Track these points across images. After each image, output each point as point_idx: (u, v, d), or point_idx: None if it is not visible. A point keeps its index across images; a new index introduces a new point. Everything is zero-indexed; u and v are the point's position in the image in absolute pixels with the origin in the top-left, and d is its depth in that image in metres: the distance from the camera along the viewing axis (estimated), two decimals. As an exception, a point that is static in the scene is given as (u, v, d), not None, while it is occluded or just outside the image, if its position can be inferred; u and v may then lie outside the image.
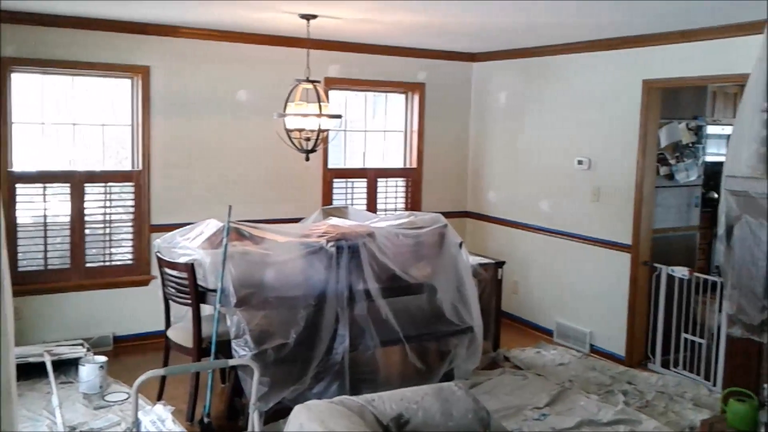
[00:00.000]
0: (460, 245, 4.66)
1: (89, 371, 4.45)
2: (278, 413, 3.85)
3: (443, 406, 2.69)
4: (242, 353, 3.77)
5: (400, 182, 6.79)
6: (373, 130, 6.76)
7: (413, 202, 6.79)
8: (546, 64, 6.09)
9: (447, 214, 4.96)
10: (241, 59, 5.76)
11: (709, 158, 6.16)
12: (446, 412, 2.67)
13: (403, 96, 6.76)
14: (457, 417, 2.68)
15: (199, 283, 4.06)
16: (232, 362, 3.66)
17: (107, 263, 5.52)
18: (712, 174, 6.19)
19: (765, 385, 3.56)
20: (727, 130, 6.17)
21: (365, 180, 6.58)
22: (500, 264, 5.57)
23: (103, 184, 5.42)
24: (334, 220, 4.55)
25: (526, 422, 4.26)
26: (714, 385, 4.84)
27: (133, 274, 5.56)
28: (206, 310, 4.15)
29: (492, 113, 6.75)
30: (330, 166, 6.32)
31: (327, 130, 5.04)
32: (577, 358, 5.50)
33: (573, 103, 5.85)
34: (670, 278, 5.22)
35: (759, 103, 3.46)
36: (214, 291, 3.92)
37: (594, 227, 5.67)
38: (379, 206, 6.63)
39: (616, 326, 5.48)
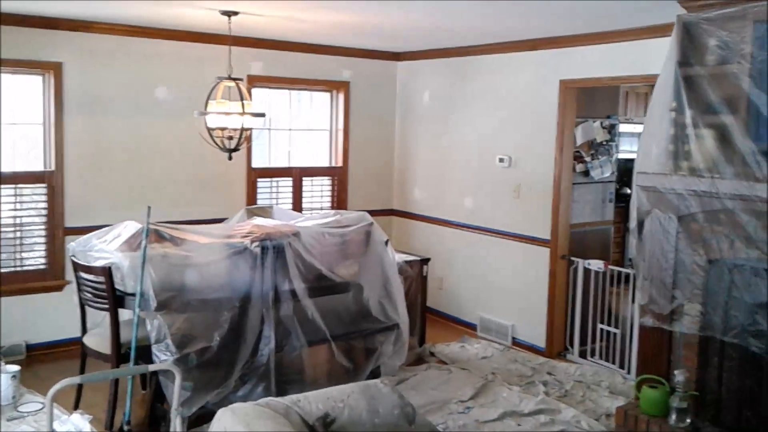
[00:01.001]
0: (386, 243, 4.70)
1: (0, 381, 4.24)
2: (202, 418, 3.77)
3: (369, 403, 2.70)
4: (163, 358, 3.69)
5: (326, 181, 6.77)
6: (298, 128, 6.70)
7: (339, 201, 6.78)
8: (469, 64, 6.20)
9: (373, 213, 4.99)
10: (160, 56, 5.60)
11: (621, 155, 6.44)
12: (372, 409, 2.68)
13: (328, 94, 6.73)
14: (383, 414, 2.70)
15: (117, 287, 3.93)
16: (152, 368, 3.55)
17: (18, 268, 5.26)
18: (625, 170, 6.46)
19: (675, 372, 3.75)
20: (639, 128, 6.43)
21: (290, 179, 6.52)
22: (425, 261, 5.64)
23: (12, 186, 5.15)
24: (258, 220, 4.49)
25: (451, 416, 4.33)
26: (628, 373, 5.05)
27: (47, 280, 5.32)
28: (125, 314, 4.02)
29: (417, 112, 6.82)
30: (254, 165, 6.23)
31: (250, 129, 4.97)
32: (499, 351, 5.63)
33: (495, 103, 5.98)
34: (587, 271, 5.41)
35: (668, 102, 3.65)
36: (133, 295, 3.81)
37: (515, 223, 5.82)
38: (304, 205, 6.59)
39: (536, 319, 5.65)
